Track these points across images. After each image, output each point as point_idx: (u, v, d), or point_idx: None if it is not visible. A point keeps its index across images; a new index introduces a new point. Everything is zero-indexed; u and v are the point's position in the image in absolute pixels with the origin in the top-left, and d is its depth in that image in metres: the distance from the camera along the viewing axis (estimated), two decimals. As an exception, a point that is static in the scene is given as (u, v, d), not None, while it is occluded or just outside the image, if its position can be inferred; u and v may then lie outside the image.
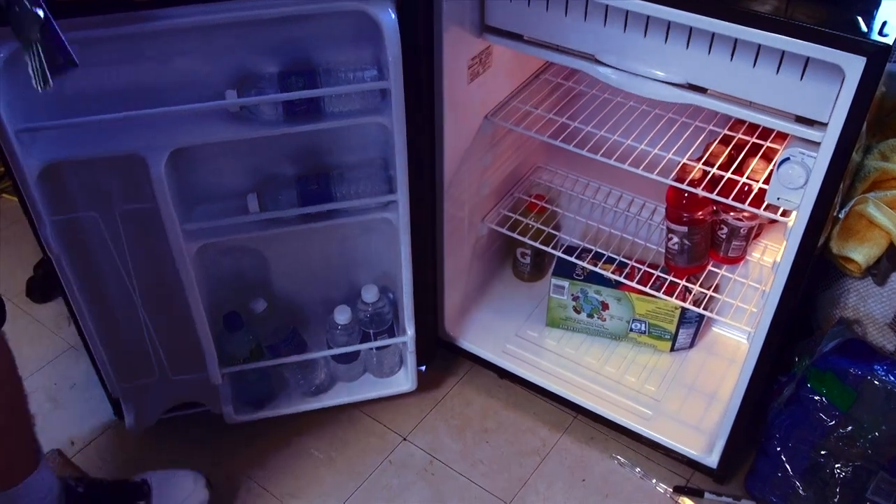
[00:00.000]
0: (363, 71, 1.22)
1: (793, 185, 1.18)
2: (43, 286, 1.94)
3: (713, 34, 1.12)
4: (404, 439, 1.66)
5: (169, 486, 1.46)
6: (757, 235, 1.63)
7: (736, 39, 1.10)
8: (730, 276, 1.59)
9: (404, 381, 1.67)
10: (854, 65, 0.99)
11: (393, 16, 1.16)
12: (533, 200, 1.77)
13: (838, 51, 0.99)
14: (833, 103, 1.07)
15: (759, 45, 1.09)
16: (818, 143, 1.12)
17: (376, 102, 1.26)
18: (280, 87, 1.20)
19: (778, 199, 1.22)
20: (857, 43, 0.97)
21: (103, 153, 1.22)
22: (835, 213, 1.31)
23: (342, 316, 1.54)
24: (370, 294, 1.54)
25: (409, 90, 1.24)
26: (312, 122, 1.23)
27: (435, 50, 1.31)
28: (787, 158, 1.17)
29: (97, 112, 1.17)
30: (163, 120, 1.19)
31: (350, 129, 1.30)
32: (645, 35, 1.19)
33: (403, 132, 1.26)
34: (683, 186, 1.38)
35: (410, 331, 1.56)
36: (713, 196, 1.35)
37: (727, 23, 1.07)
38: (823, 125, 1.11)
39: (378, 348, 1.62)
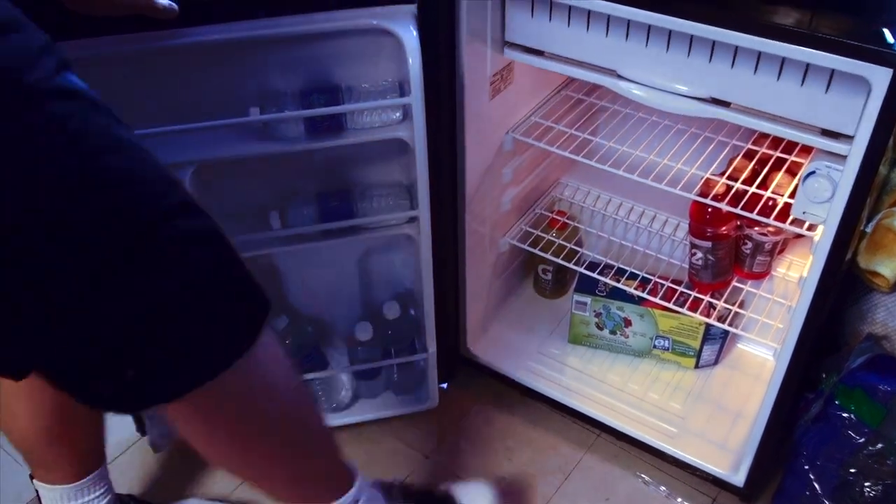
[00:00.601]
0: (385, 88, 1.23)
1: (819, 198, 1.17)
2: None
3: (736, 48, 1.12)
4: (426, 457, 1.65)
5: None
6: (782, 251, 1.61)
7: (760, 53, 1.10)
8: (755, 291, 1.58)
9: (426, 398, 1.66)
10: (880, 77, 0.98)
11: (414, 33, 1.16)
12: (555, 216, 1.76)
13: (864, 62, 0.98)
14: (859, 116, 1.06)
15: (784, 58, 1.08)
16: (844, 157, 1.11)
17: (398, 119, 1.26)
18: (302, 105, 1.21)
19: (804, 213, 1.21)
20: (884, 55, 0.96)
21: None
22: (862, 227, 1.30)
23: (364, 332, 1.54)
24: (392, 310, 1.53)
25: (430, 106, 1.24)
26: (334, 138, 1.24)
27: (456, 66, 1.31)
28: (813, 172, 1.16)
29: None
30: (186, 137, 1.19)
31: (371, 146, 1.30)
32: (667, 49, 1.19)
33: (425, 148, 1.26)
34: (707, 201, 1.37)
35: (432, 348, 1.56)
36: (738, 211, 1.33)
37: (751, 36, 1.06)
38: (849, 138, 1.09)
39: (399, 365, 1.61)
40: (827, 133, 1.13)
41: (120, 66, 1.17)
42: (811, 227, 1.28)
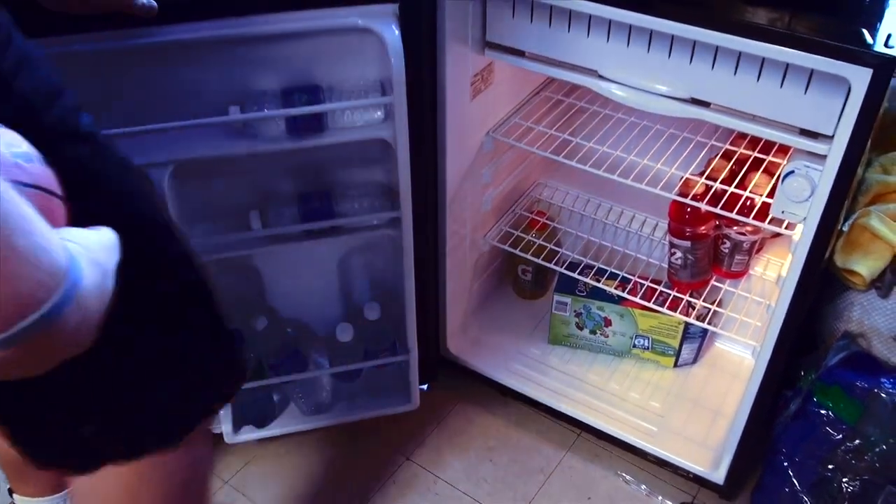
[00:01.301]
0: (366, 87, 1.22)
1: (798, 198, 1.18)
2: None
3: (717, 48, 1.12)
4: (407, 459, 1.65)
5: None
6: (759, 250, 1.63)
7: (740, 53, 1.11)
8: (733, 290, 1.59)
9: (406, 399, 1.65)
10: (860, 77, 0.99)
11: (396, 32, 1.16)
12: (534, 217, 1.76)
13: (844, 63, 0.99)
14: (838, 116, 1.07)
15: (764, 59, 1.09)
16: (823, 156, 1.12)
17: (379, 119, 1.26)
18: (283, 104, 1.20)
19: (783, 212, 1.22)
20: (863, 55, 0.98)
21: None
22: (839, 227, 1.31)
23: (344, 334, 1.52)
24: (372, 312, 1.52)
25: (411, 107, 1.24)
26: (315, 138, 1.23)
27: (437, 66, 1.31)
28: (792, 171, 1.18)
29: (97, 128, 1.16)
30: (165, 136, 1.18)
31: (352, 146, 1.29)
32: (648, 50, 1.20)
33: (407, 148, 1.25)
34: (687, 201, 1.38)
35: (414, 349, 1.55)
36: (717, 210, 1.34)
37: (731, 36, 1.07)
38: (828, 138, 1.11)
39: (380, 366, 1.60)
40: (806, 133, 1.14)
41: (98, 63, 1.14)
42: (790, 226, 1.29)
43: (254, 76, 1.23)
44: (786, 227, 1.30)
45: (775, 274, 1.59)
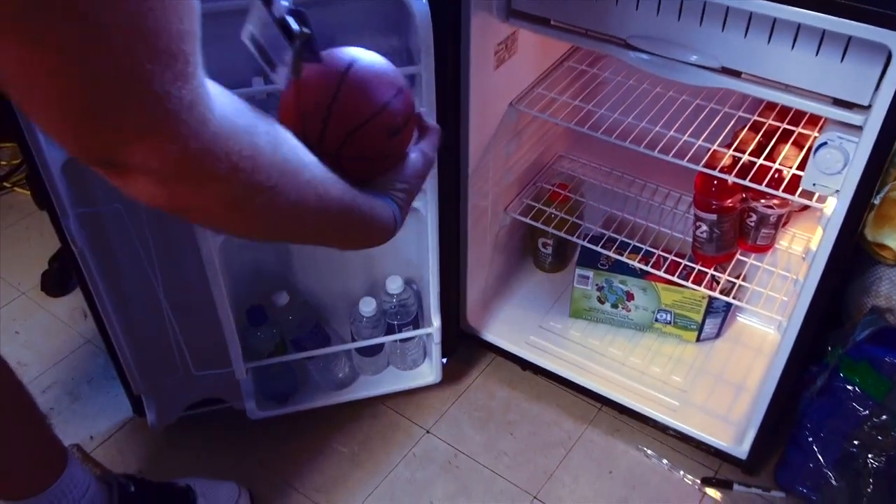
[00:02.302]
0: (392, 57, 1.19)
1: (830, 170, 1.16)
2: (58, 280, 1.92)
3: (751, 14, 1.09)
4: (427, 432, 1.64)
5: (213, 496, 1.43)
6: (785, 223, 1.61)
7: (775, 19, 1.08)
8: (758, 264, 1.57)
9: (429, 373, 1.65)
10: (903, 44, 0.96)
11: (424, 0, 1.13)
12: (556, 189, 1.74)
13: (885, 30, 0.96)
14: (875, 85, 1.05)
15: (799, 25, 1.06)
16: (857, 127, 1.10)
17: (405, 89, 1.24)
18: (308, 74, 1.17)
19: (814, 184, 1.19)
20: (907, 21, 0.95)
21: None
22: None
23: (367, 307, 1.52)
24: (395, 285, 1.51)
25: (436, 77, 1.22)
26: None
27: (462, 35, 1.28)
28: (825, 143, 1.15)
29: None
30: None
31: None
32: (679, 17, 1.17)
33: (434, 118, 1.23)
34: (715, 173, 1.35)
35: (436, 322, 1.54)
36: (746, 183, 1.32)
37: (767, 1, 1.04)
38: (864, 108, 1.08)
39: (402, 341, 1.60)
40: (840, 103, 1.11)
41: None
42: (820, 200, 1.26)
43: (277, 46, 1.21)
44: (816, 201, 1.27)
45: (801, 248, 1.57)
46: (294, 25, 0.75)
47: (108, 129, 0.48)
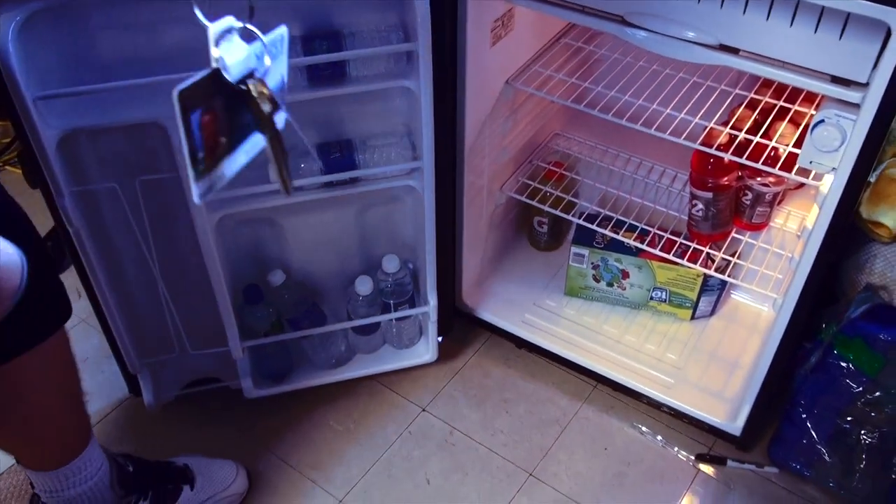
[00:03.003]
0: (388, 33, 1.19)
1: (827, 148, 1.16)
2: (52, 259, 1.90)
3: (750, -9, 1.09)
4: (423, 410, 1.65)
5: (211, 474, 1.44)
6: (780, 202, 1.61)
7: (774, -4, 1.07)
8: (753, 242, 1.57)
9: (425, 351, 1.65)
10: (902, 21, 0.96)
11: (421, -24, 1.13)
12: (551, 168, 1.74)
13: (885, 6, 0.96)
14: (873, 63, 1.04)
15: (798, 1, 1.06)
16: (855, 105, 1.10)
17: (402, 66, 1.23)
18: (304, 52, 1.17)
19: (811, 162, 1.19)
20: (907, -2, 0.94)
21: (124, 121, 1.19)
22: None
23: (364, 286, 1.51)
24: (392, 264, 1.51)
25: (433, 54, 1.21)
26: (337, 87, 1.20)
27: (459, 12, 1.27)
28: (822, 121, 1.15)
29: (111, 79, 1.13)
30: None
31: (373, 95, 1.26)
32: (677, -6, 1.16)
33: (431, 96, 1.23)
34: (712, 151, 1.35)
35: (433, 301, 1.54)
36: (743, 161, 1.32)
37: (767, -21, 1.04)
38: (861, 85, 1.08)
39: (398, 319, 1.60)
40: (837, 80, 1.11)
41: (113, 10, 1.12)
42: (817, 177, 1.27)
43: (273, 24, 1.19)
44: (812, 178, 1.27)
45: (796, 226, 1.57)
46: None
47: None
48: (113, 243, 1.40)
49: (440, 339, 1.68)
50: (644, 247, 1.59)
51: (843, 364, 1.40)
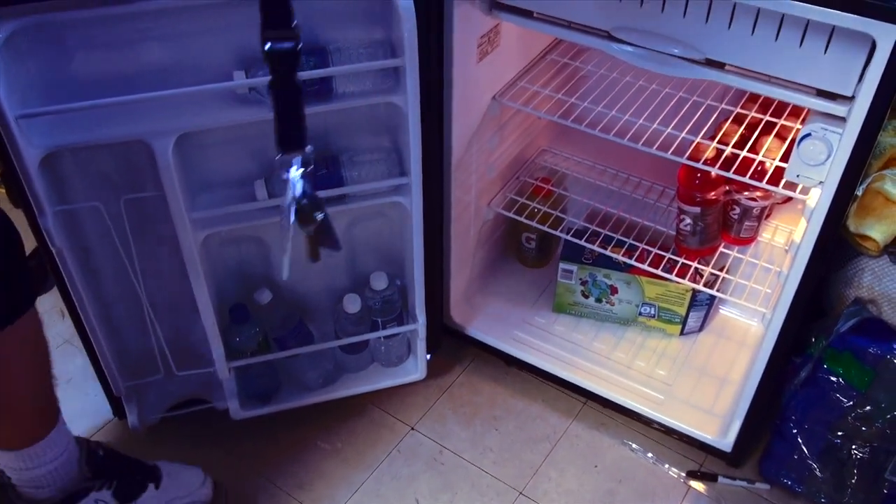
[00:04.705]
0: (375, 49, 1.18)
1: (814, 161, 1.16)
2: (35, 279, 1.88)
3: (735, 5, 1.09)
4: (412, 429, 1.63)
5: (177, 478, 1.44)
6: (768, 216, 1.61)
7: (759, 10, 1.07)
8: (742, 257, 1.57)
9: (414, 369, 1.64)
10: (888, 34, 0.96)
11: (408, -7, 1.12)
12: (539, 184, 1.74)
13: (871, 20, 0.96)
14: (859, 76, 1.05)
15: (783, 16, 1.06)
16: (840, 118, 1.10)
17: (388, 82, 1.22)
18: (289, 68, 1.15)
19: (798, 176, 1.20)
20: (891, 11, 0.95)
21: (107, 139, 1.17)
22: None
23: (352, 304, 1.50)
24: (380, 281, 1.50)
25: (420, 70, 1.20)
26: (323, 103, 1.19)
27: (445, 28, 1.27)
28: (809, 134, 1.15)
29: (93, 97, 1.12)
30: (168, 103, 1.14)
31: (359, 111, 1.26)
32: (662, 10, 1.16)
33: (418, 112, 1.22)
34: (699, 165, 1.35)
35: (421, 318, 1.53)
36: (730, 175, 1.32)
37: (751, -7, 1.04)
38: (847, 99, 1.08)
39: (387, 337, 1.58)
40: (823, 94, 1.11)
41: (96, 28, 1.11)
42: (804, 191, 1.27)
43: (256, 39, 1.19)
44: (800, 192, 1.28)
45: (784, 240, 1.57)
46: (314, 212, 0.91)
47: None
48: (97, 263, 1.39)
49: (428, 356, 1.67)
50: (632, 262, 1.58)
51: (833, 378, 1.40)
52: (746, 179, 1.31)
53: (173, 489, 1.42)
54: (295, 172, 0.95)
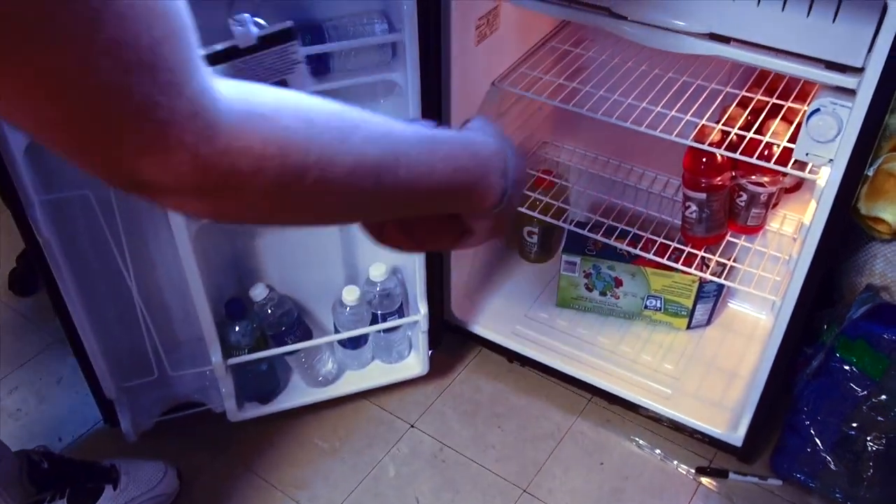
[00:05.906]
0: (372, 25, 1.15)
1: (824, 138, 1.12)
2: (26, 278, 1.85)
3: (740, -24, 1.06)
4: (412, 426, 1.59)
5: (137, 475, 1.40)
6: (775, 205, 1.57)
7: (765, -21, 1.04)
8: (749, 246, 1.53)
9: (415, 364, 1.60)
10: (899, -3, 0.93)
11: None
12: (540, 175, 1.70)
13: (882, -19, 0.93)
14: (868, 46, 1.01)
15: (790, -15, 1.03)
16: (850, 91, 1.06)
17: (387, 59, 1.19)
18: (283, 45, 1.12)
19: (807, 154, 1.16)
20: (904, -28, 0.92)
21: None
22: (866, 169, 1.25)
23: (351, 296, 1.46)
24: (378, 272, 1.46)
25: (419, 45, 1.17)
26: (321, 81, 1.15)
27: (442, 6, 1.24)
28: (818, 109, 1.11)
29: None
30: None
31: (357, 92, 1.22)
32: (665, -17, 1.13)
33: (418, 88, 1.18)
34: (705, 147, 1.32)
35: (423, 309, 1.48)
36: (737, 156, 1.28)
37: (757, -40, 1.01)
38: (857, 70, 1.05)
39: (387, 331, 1.54)
40: (832, 66, 1.08)
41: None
42: (813, 171, 1.23)
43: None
44: (809, 172, 1.24)
45: (792, 229, 1.53)
46: None
47: (110, 149, 0.43)
48: (86, 257, 1.35)
49: (430, 353, 1.62)
50: (637, 251, 1.54)
51: (847, 367, 1.35)
52: (754, 160, 1.27)
53: (133, 487, 1.38)
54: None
